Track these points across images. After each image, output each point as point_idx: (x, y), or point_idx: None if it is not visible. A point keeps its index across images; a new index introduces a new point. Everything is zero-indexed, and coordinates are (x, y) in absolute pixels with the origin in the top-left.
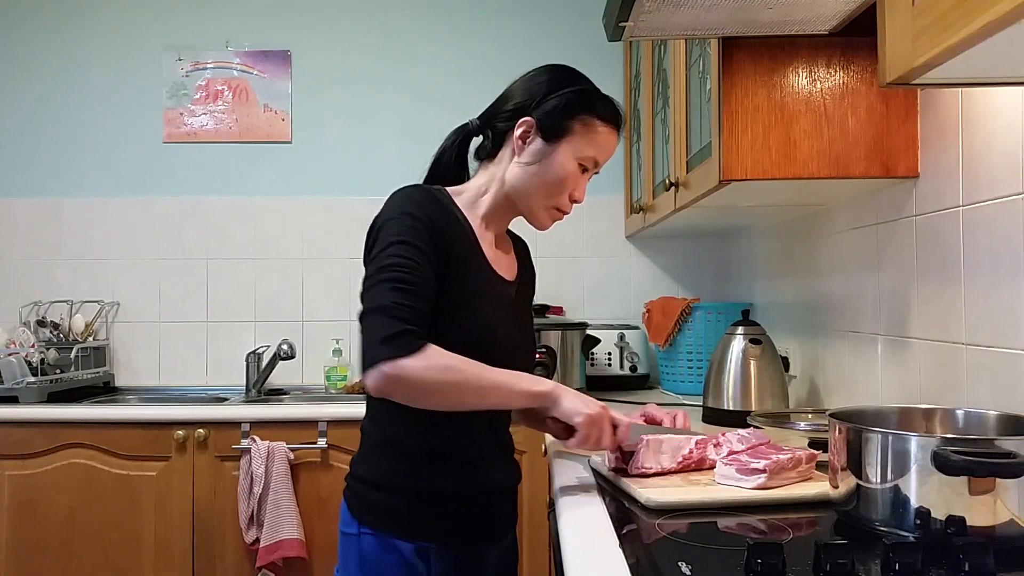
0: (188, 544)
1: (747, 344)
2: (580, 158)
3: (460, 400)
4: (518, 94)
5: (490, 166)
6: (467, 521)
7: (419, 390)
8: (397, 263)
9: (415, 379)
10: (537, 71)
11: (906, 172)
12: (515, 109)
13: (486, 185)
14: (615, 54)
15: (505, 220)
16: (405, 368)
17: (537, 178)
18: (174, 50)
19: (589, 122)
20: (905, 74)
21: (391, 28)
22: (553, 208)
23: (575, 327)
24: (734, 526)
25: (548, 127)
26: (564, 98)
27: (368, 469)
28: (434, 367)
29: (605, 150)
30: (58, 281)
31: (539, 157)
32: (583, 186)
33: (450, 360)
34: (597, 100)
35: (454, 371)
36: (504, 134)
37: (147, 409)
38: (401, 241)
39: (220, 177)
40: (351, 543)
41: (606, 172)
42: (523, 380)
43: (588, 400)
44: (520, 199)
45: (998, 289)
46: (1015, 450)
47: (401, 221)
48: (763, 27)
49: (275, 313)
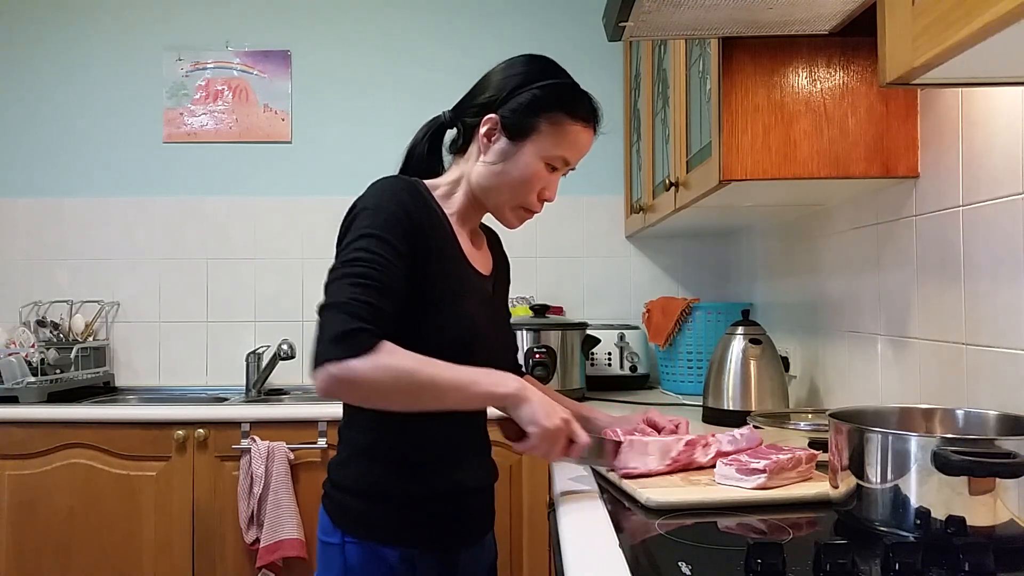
0: (188, 544)
1: (747, 344)
2: (547, 158)
3: (413, 402)
4: (489, 88)
5: (460, 161)
6: (450, 524)
7: (367, 392)
8: (363, 258)
9: (362, 380)
10: (511, 63)
11: (906, 172)
12: (483, 104)
13: (457, 181)
14: (615, 54)
15: (477, 216)
16: (352, 369)
17: (501, 178)
18: (174, 50)
19: (558, 120)
20: (905, 74)
21: (391, 28)
22: (520, 208)
23: (575, 327)
24: (734, 526)
25: (513, 126)
26: (531, 95)
27: (348, 476)
28: (384, 368)
29: (576, 149)
30: (58, 281)
31: (503, 157)
32: (554, 185)
33: (403, 360)
34: (567, 96)
35: (406, 372)
36: (473, 129)
37: (147, 409)
38: (372, 235)
39: (220, 177)
40: (334, 553)
41: (606, 172)
42: (483, 380)
43: (551, 411)
44: (486, 199)
45: (998, 289)
46: (1015, 450)
47: (377, 213)
48: (763, 27)
49: (275, 313)
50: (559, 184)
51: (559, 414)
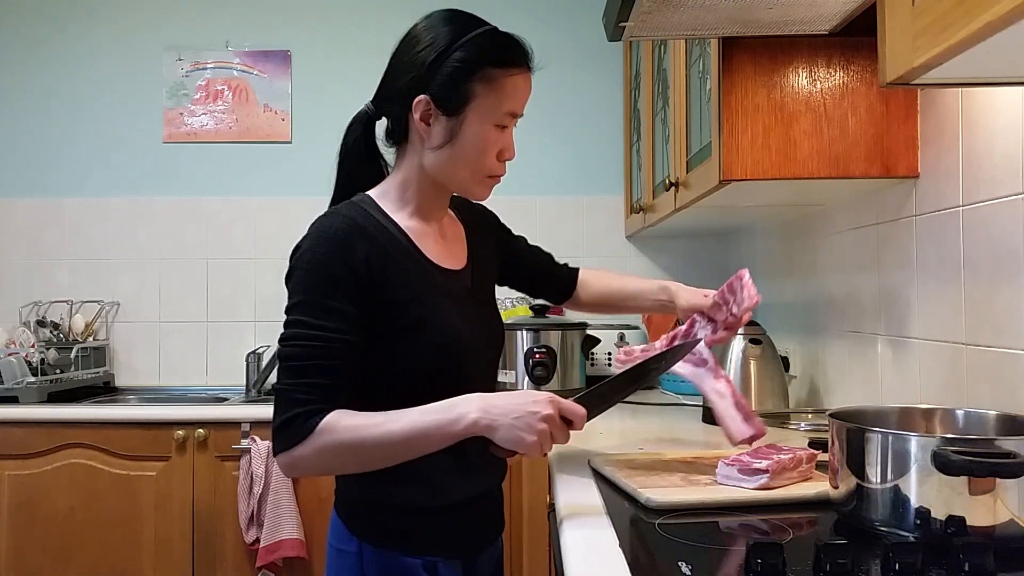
0: (188, 544)
1: (747, 344)
2: (493, 120)
3: (373, 466)
4: (405, 68)
5: (405, 155)
6: (468, 530)
7: (324, 472)
8: (290, 335)
9: (312, 467)
10: (416, 35)
11: (906, 172)
12: (406, 88)
13: (408, 177)
14: (615, 54)
15: (442, 205)
16: (297, 458)
17: (455, 158)
18: (174, 50)
19: (491, 77)
20: (905, 74)
21: (391, 28)
22: (485, 178)
23: (575, 327)
24: (734, 526)
25: (446, 100)
26: (454, 61)
27: (362, 490)
28: (325, 449)
29: (518, 98)
30: (58, 281)
31: (449, 136)
32: (510, 143)
33: (341, 435)
34: (491, 47)
35: (351, 447)
36: (404, 117)
37: (147, 409)
38: (300, 303)
39: (220, 177)
40: (350, 561)
41: (606, 172)
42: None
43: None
44: (448, 182)
45: (998, 289)
46: (1015, 450)
47: (307, 275)
48: (763, 27)
49: (275, 313)
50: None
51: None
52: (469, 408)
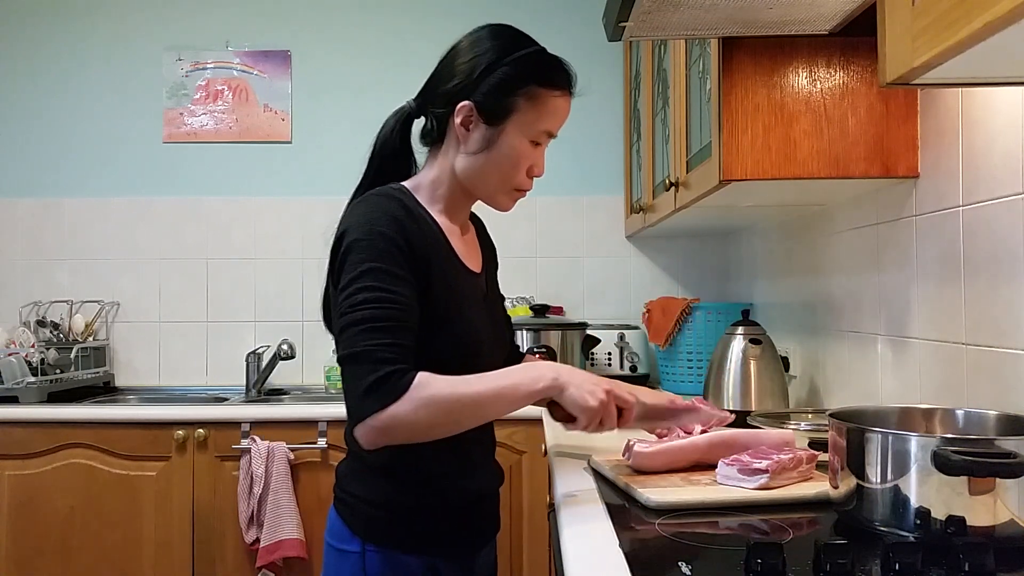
0: (188, 544)
1: (747, 344)
2: (530, 135)
3: (461, 426)
4: (455, 73)
5: (439, 155)
6: (468, 530)
7: (415, 432)
8: (366, 299)
9: (408, 424)
10: (473, 42)
11: (906, 172)
12: (453, 92)
13: (440, 177)
14: (615, 54)
15: (466, 209)
16: (395, 416)
17: (488, 166)
18: (174, 50)
19: (534, 94)
20: (905, 74)
21: (391, 28)
22: (513, 190)
23: (575, 327)
24: (734, 526)
25: (489, 109)
26: (503, 73)
27: (367, 489)
28: (425, 403)
29: (557, 118)
30: (58, 281)
31: (485, 144)
32: (541, 160)
33: (440, 389)
34: (540, 67)
35: (448, 401)
36: (445, 119)
37: (147, 409)
38: (372, 269)
39: (220, 177)
40: (352, 561)
41: (606, 172)
42: (521, 382)
43: (592, 388)
44: (476, 188)
45: (998, 289)
46: (1015, 450)
47: (372, 244)
48: (763, 27)
49: (275, 313)
50: (562, 185)
51: (602, 387)
52: (546, 370)
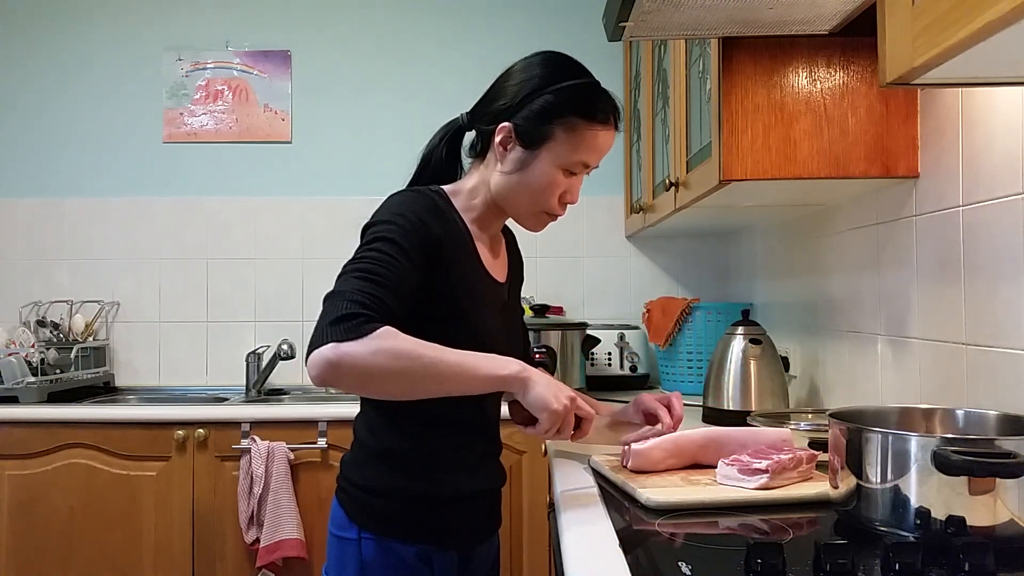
0: (188, 544)
1: (747, 344)
2: (564, 164)
3: (413, 388)
4: (504, 93)
5: (480, 167)
6: (465, 524)
7: (363, 377)
8: (372, 256)
9: (359, 365)
10: (527, 65)
11: (906, 172)
12: (497, 112)
13: (477, 187)
14: (615, 54)
15: (498, 222)
16: (349, 353)
17: (519, 187)
18: (174, 50)
19: (573, 125)
20: (905, 74)
21: (391, 28)
22: (542, 213)
23: (575, 327)
24: (734, 526)
25: (527, 134)
26: (544, 101)
27: (366, 476)
28: (382, 351)
29: (595, 152)
30: (58, 281)
31: (520, 166)
32: (575, 189)
33: (404, 344)
34: (582, 100)
35: (407, 356)
36: (489, 136)
37: (147, 409)
38: (385, 238)
39: (220, 177)
40: (349, 547)
41: (606, 172)
42: (486, 363)
43: (557, 392)
44: (507, 206)
45: (998, 289)
46: (1015, 450)
47: (392, 222)
48: (763, 27)
49: (275, 313)
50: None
51: (566, 393)
52: (516, 364)
